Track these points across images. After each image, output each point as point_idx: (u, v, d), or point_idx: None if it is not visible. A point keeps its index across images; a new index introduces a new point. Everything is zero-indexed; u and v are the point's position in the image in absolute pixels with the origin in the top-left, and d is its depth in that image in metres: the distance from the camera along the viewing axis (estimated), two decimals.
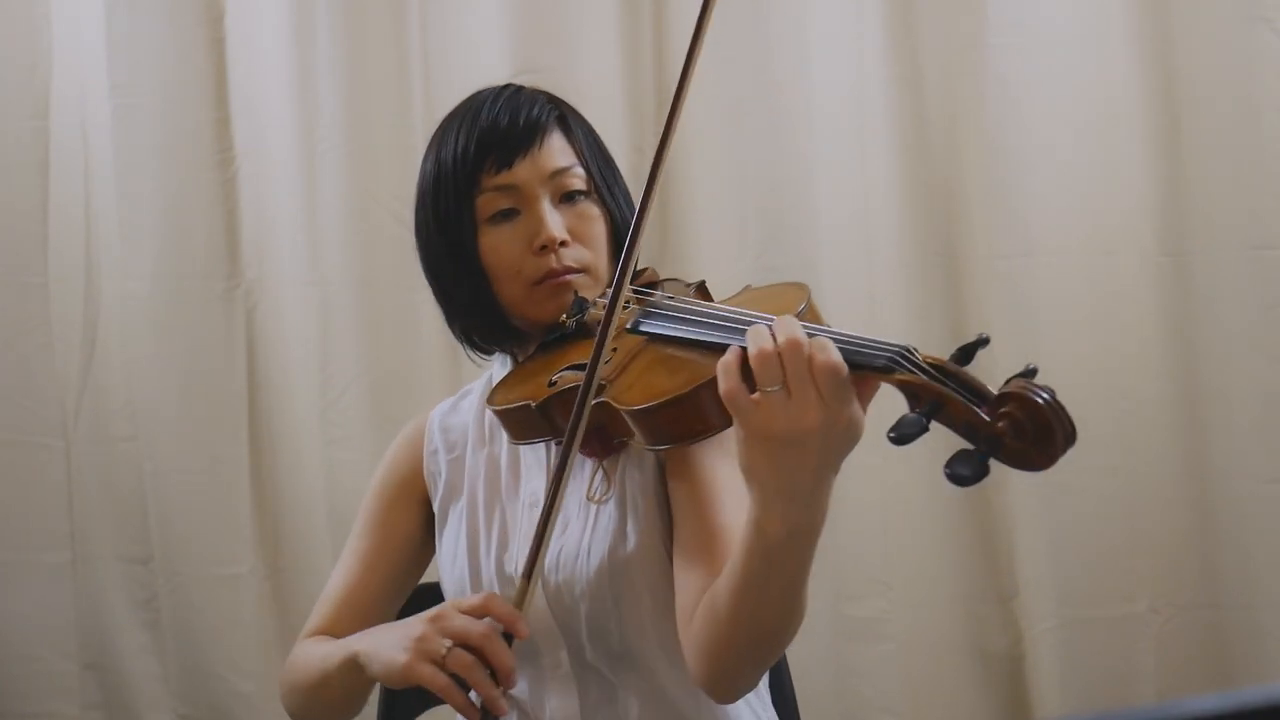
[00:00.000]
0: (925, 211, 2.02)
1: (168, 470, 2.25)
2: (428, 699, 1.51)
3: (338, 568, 1.34)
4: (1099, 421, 1.93)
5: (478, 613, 1.04)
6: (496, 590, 1.20)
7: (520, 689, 1.21)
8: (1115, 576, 1.95)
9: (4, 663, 2.31)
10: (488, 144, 1.17)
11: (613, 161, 1.27)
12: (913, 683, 2.04)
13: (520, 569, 1.18)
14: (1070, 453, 0.77)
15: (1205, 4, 1.89)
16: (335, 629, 1.27)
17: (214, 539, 2.24)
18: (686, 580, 1.06)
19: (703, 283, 1.18)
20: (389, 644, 1.07)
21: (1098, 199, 1.95)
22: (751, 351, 0.83)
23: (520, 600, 1.04)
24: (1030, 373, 0.79)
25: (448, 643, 1.02)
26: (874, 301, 2.01)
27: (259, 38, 2.22)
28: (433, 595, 1.52)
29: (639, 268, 1.17)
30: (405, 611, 1.53)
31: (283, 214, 2.22)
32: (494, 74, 2.11)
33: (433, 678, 1.01)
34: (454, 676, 1.02)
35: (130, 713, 2.31)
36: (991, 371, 0.83)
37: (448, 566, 1.26)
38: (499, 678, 1.01)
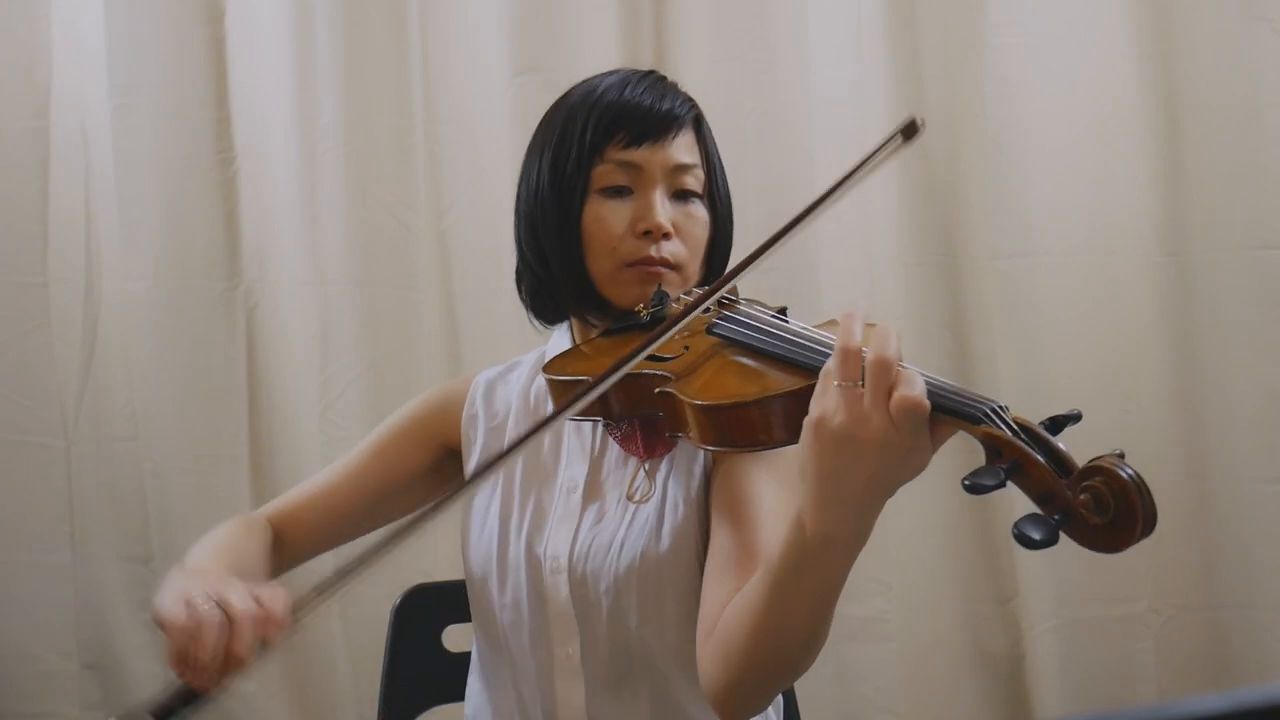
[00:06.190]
0: (925, 211, 2.02)
1: (168, 470, 2.25)
2: (427, 699, 1.52)
3: (323, 471, 1.33)
4: (1099, 421, 1.93)
5: (259, 599, 0.96)
6: (524, 572, 1.20)
7: (528, 676, 1.21)
8: (1115, 576, 1.95)
9: (4, 663, 2.31)
10: (623, 119, 1.18)
11: (725, 175, 1.29)
12: (913, 683, 2.04)
13: (548, 550, 1.18)
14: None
15: (1205, 4, 1.89)
16: (292, 516, 1.28)
17: None
18: (713, 592, 1.06)
19: (784, 309, 1.16)
20: (183, 581, 1.01)
21: (1098, 199, 1.95)
22: (839, 344, 0.82)
23: (300, 607, 0.97)
24: (1119, 454, 0.77)
25: (212, 599, 0.95)
26: (874, 301, 2.01)
27: (259, 38, 2.22)
28: (430, 594, 1.53)
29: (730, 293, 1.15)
30: (405, 610, 1.54)
31: (283, 214, 2.22)
32: (494, 74, 2.12)
33: (172, 616, 0.95)
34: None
35: None
36: (993, 375, 0.83)
37: (475, 539, 1.25)
38: (226, 662, 0.93)
